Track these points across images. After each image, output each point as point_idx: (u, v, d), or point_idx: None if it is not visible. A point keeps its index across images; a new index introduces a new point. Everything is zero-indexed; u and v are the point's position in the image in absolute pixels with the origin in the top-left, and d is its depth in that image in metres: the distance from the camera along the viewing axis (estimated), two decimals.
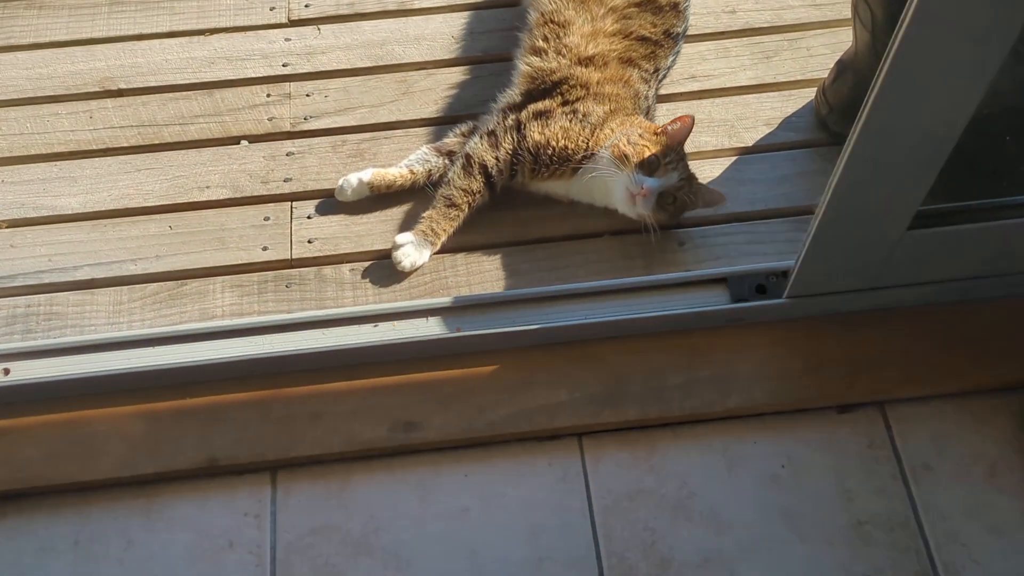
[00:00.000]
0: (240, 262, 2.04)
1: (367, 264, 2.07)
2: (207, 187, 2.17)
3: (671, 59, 2.28)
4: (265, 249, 2.08)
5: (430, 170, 2.14)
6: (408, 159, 2.16)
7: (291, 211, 2.14)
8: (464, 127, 2.20)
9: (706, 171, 2.18)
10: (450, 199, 2.07)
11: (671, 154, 1.99)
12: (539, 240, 2.05)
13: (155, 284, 2.04)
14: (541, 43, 2.20)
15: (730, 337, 1.88)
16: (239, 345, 1.84)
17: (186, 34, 2.42)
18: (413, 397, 1.86)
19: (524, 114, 2.13)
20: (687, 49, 2.36)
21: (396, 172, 2.14)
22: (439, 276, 2.05)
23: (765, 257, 2.03)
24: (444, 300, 1.88)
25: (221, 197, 2.16)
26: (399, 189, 2.13)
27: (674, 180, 1.98)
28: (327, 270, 2.06)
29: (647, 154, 1.98)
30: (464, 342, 1.85)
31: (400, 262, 2.03)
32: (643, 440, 1.84)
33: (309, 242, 2.10)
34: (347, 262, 2.07)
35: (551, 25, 2.21)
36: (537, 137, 2.07)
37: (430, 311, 1.87)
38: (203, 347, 1.84)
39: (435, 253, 2.07)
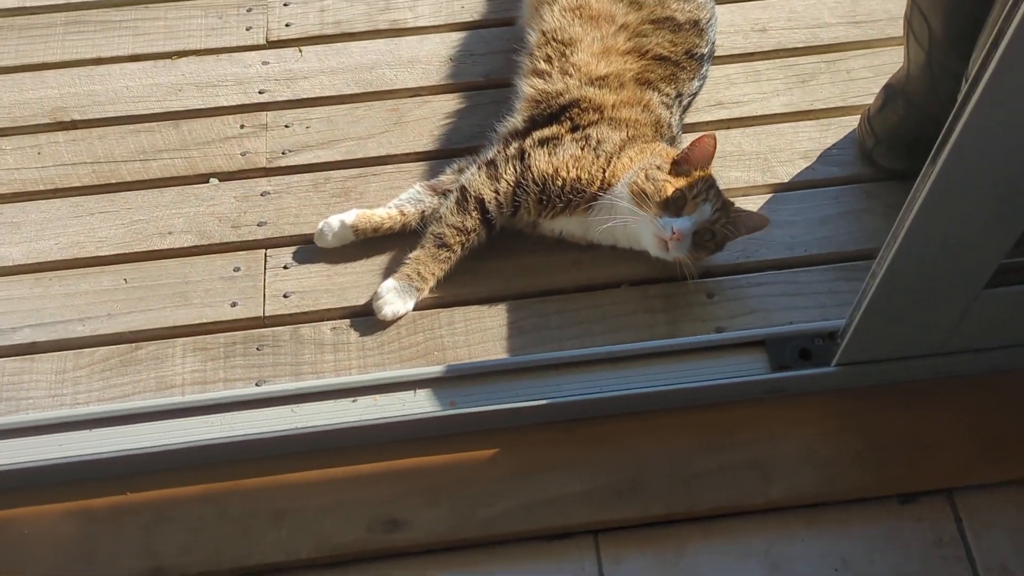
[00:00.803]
0: (205, 321, 1.82)
1: (351, 321, 1.83)
2: (169, 233, 1.92)
3: (696, 83, 2.02)
4: (234, 305, 1.83)
5: (423, 211, 1.88)
6: (399, 198, 1.91)
7: (265, 260, 1.89)
8: (463, 162, 1.95)
9: None
10: (441, 238, 1.81)
11: (698, 185, 1.74)
12: (548, 291, 1.85)
13: (105, 348, 1.78)
14: (544, 64, 1.95)
15: (771, 412, 1.68)
16: (193, 427, 1.59)
17: (151, 57, 2.18)
18: (397, 489, 1.60)
19: (528, 141, 1.87)
20: (713, 72, 2.13)
21: (384, 213, 1.88)
22: (433, 335, 1.80)
23: (806, 312, 1.81)
24: (435, 369, 1.67)
25: (185, 244, 1.91)
26: (388, 233, 1.88)
27: (707, 214, 1.74)
28: (305, 329, 1.81)
29: (670, 191, 1.72)
30: (459, 420, 1.63)
31: (380, 311, 1.79)
32: (670, 539, 1.58)
33: (285, 296, 1.84)
34: (328, 319, 1.83)
35: (554, 44, 1.96)
36: (543, 167, 1.82)
37: (419, 382, 1.65)
38: (151, 429, 1.58)
39: (430, 307, 1.83)
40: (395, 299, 1.79)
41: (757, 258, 1.89)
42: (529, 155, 1.85)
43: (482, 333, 1.80)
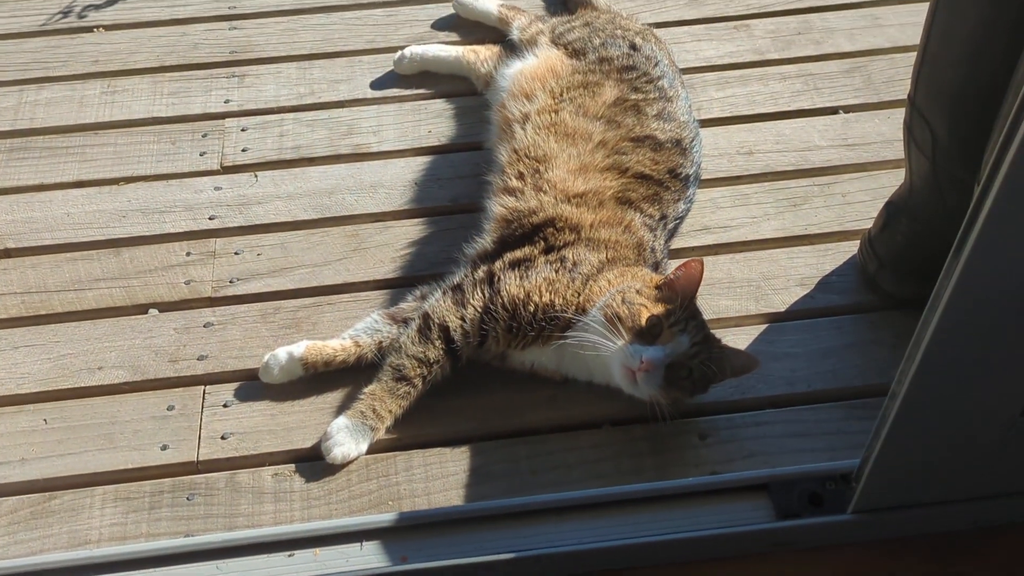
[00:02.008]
0: (131, 466, 1.63)
1: (296, 466, 1.63)
2: (99, 368, 1.74)
3: (683, 206, 1.89)
4: (165, 448, 1.64)
5: (381, 342, 1.71)
6: (354, 328, 1.75)
7: (203, 398, 1.71)
8: (425, 289, 1.79)
9: (728, 343, 1.75)
10: (400, 370, 1.63)
11: (677, 313, 1.57)
12: (519, 432, 1.68)
13: (15, 498, 1.58)
14: (515, 181, 1.81)
15: (777, 570, 1.50)
16: None
17: (96, 183, 2.05)
18: None
19: (498, 264, 1.72)
20: (698, 195, 2.02)
21: (338, 345, 1.70)
22: (388, 482, 1.60)
23: (814, 456, 1.64)
24: (386, 518, 1.49)
25: (116, 381, 1.73)
26: (341, 367, 1.71)
27: (684, 346, 1.56)
28: (243, 476, 1.61)
29: (645, 316, 1.53)
30: None
31: (329, 452, 1.60)
32: None
33: (223, 438, 1.65)
34: (269, 464, 1.64)
35: (527, 160, 1.83)
36: (514, 291, 1.65)
37: (366, 533, 1.47)
38: None
39: (386, 450, 1.64)
40: (346, 439, 1.60)
41: (754, 394, 1.73)
42: (499, 279, 1.69)
43: (444, 480, 1.60)
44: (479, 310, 1.66)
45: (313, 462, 1.62)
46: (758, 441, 1.66)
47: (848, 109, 2.21)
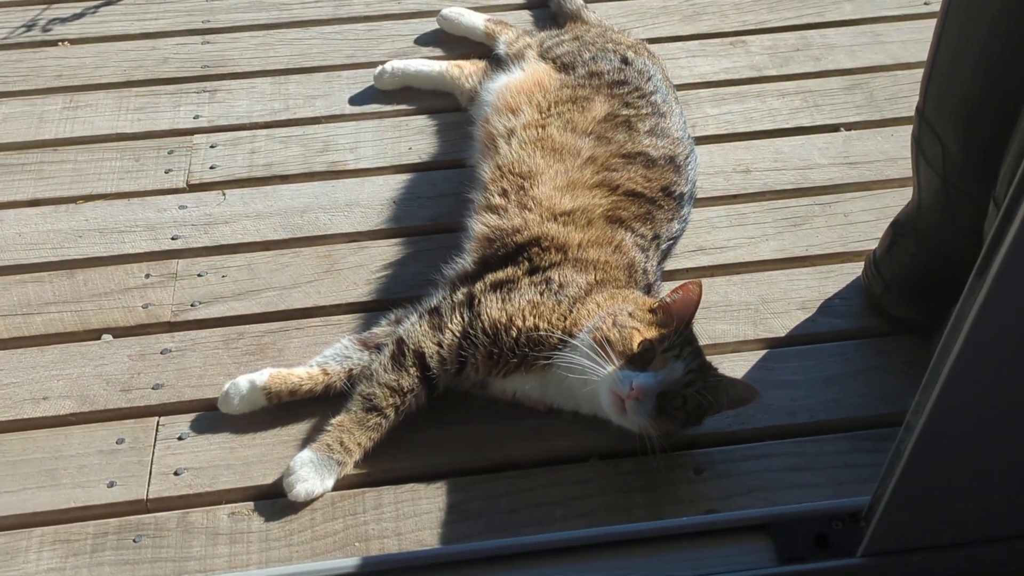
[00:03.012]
0: (73, 505, 1.51)
1: (255, 504, 1.50)
2: (44, 398, 1.62)
3: (677, 225, 1.77)
4: (112, 485, 1.52)
5: (351, 369, 1.59)
6: (322, 355, 1.63)
7: (156, 430, 1.59)
8: (400, 313, 1.66)
9: (726, 370, 1.66)
10: (370, 400, 1.51)
11: (671, 338, 1.45)
12: (500, 466, 1.56)
13: None
14: (499, 198, 1.70)
15: None
16: None
17: (52, 202, 1.94)
18: None
19: (479, 286, 1.60)
20: (693, 215, 1.92)
21: (304, 373, 1.58)
22: (356, 521, 1.48)
23: (818, 491, 1.53)
24: (351, 562, 1.38)
25: (62, 412, 1.61)
26: (307, 396, 1.59)
27: (678, 373, 1.44)
28: (196, 515, 1.49)
29: (638, 339, 1.41)
30: None
31: (292, 489, 1.47)
32: None
33: (176, 474, 1.52)
34: (226, 502, 1.51)
35: (511, 177, 1.71)
36: (495, 314, 1.53)
37: None
38: None
39: (353, 486, 1.52)
40: (310, 475, 1.47)
41: (753, 425, 1.62)
42: (479, 301, 1.56)
43: (416, 519, 1.48)
44: (457, 335, 1.54)
45: (274, 500, 1.50)
46: (758, 476, 1.55)
47: (849, 127, 2.11)
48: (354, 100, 2.15)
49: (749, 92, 2.18)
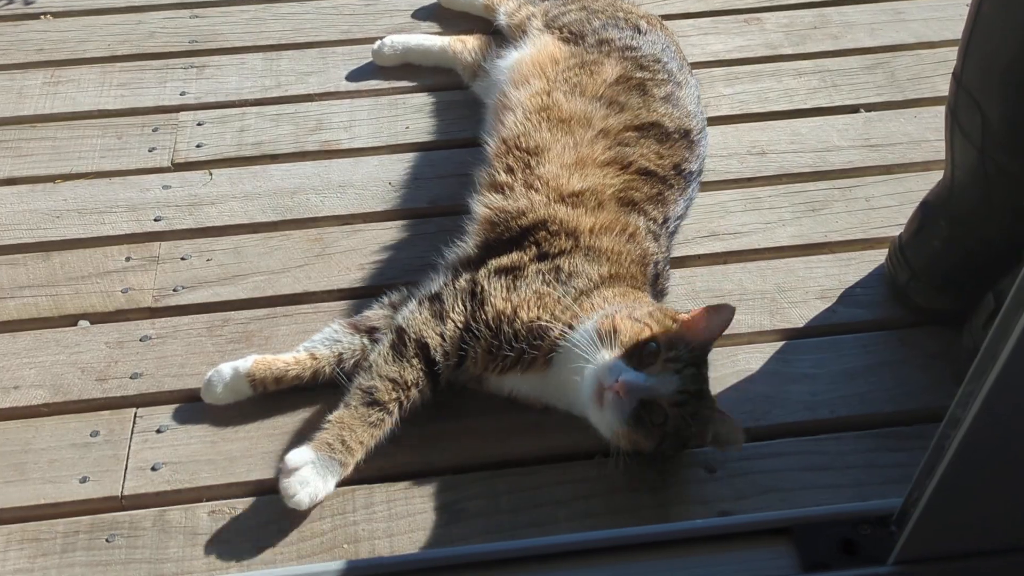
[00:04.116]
0: (43, 501, 1.41)
1: (239, 503, 1.40)
2: (15, 388, 1.53)
3: (682, 205, 1.67)
4: (84, 481, 1.42)
5: (341, 354, 1.49)
6: (310, 340, 1.54)
7: (133, 422, 1.50)
8: (395, 296, 1.57)
9: (740, 362, 1.58)
10: (371, 393, 1.40)
11: (681, 349, 1.33)
12: (499, 464, 1.46)
13: None
14: (504, 176, 1.59)
15: None
16: None
17: (29, 181, 1.85)
18: None
19: (482, 272, 1.49)
20: (705, 198, 1.82)
21: (290, 358, 1.49)
22: (345, 522, 1.38)
23: (838, 492, 1.43)
24: (338, 565, 1.27)
25: (33, 402, 1.52)
26: (295, 384, 1.49)
27: (670, 387, 1.31)
28: (174, 513, 1.39)
29: (645, 335, 1.30)
30: None
31: (294, 495, 1.35)
32: None
33: (153, 469, 1.43)
34: (207, 499, 1.42)
35: (517, 153, 1.61)
36: (500, 305, 1.43)
37: None
38: None
39: (342, 484, 1.40)
40: (312, 477, 1.36)
41: (769, 421, 1.52)
42: (483, 289, 1.46)
43: (410, 519, 1.38)
44: (459, 326, 1.44)
45: (259, 497, 1.40)
46: (774, 475, 1.45)
47: (870, 107, 2.01)
48: (349, 77, 2.05)
49: (764, 71, 2.09)
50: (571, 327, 1.39)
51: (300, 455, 1.36)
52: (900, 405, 1.53)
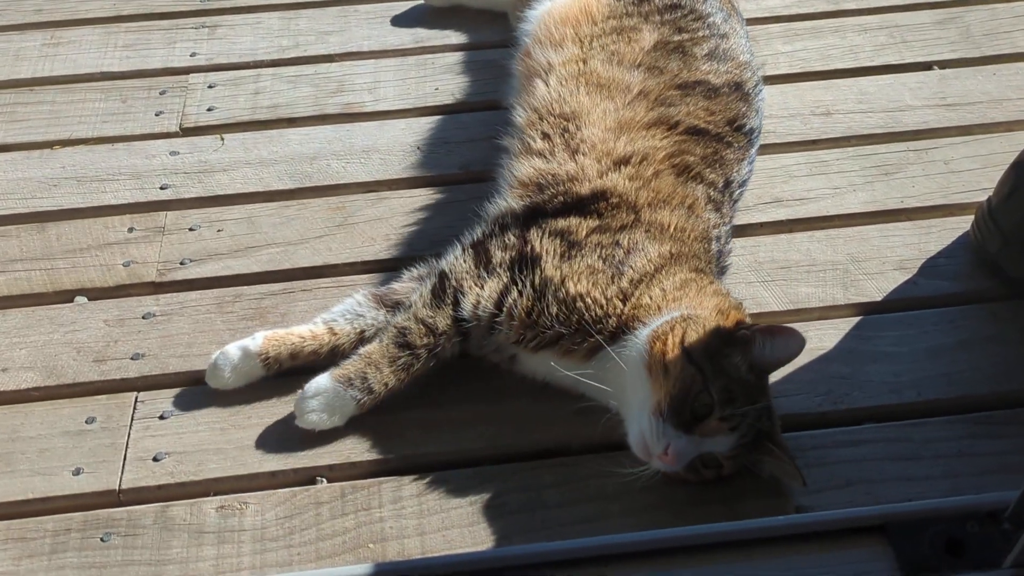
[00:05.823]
0: (31, 496, 1.28)
1: (250, 497, 1.26)
2: (3, 370, 1.42)
3: (747, 168, 1.50)
4: (78, 473, 1.29)
5: (363, 331, 1.37)
6: (329, 312, 1.40)
7: (134, 407, 1.36)
8: (423, 268, 1.43)
9: (812, 339, 1.40)
10: (404, 335, 1.31)
11: (737, 398, 1.18)
12: (543, 453, 1.33)
13: None
14: (540, 142, 1.46)
15: None
16: None
17: (25, 147, 1.73)
18: None
19: (534, 232, 1.36)
20: (766, 162, 1.67)
21: (306, 332, 1.36)
22: (370, 518, 1.24)
23: (931, 484, 1.28)
24: (363, 569, 1.13)
25: (23, 386, 1.39)
26: (311, 361, 1.36)
27: (724, 447, 1.20)
28: (178, 509, 1.26)
29: (695, 388, 1.17)
30: None
31: (305, 413, 1.29)
32: None
33: (155, 459, 1.30)
34: (215, 493, 1.29)
35: (552, 119, 1.50)
36: (550, 272, 1.31)
37: None
38: None
39: (367, 475, 1.28)
40: (321, 407, 1.28)
41: (848, 404, 1.37)
42: (534, 249, 1.33)
43: (443, 515, 1.25)
44: (504, 279, 1.32)
45: (271, 491, 1.24)
46: (855, 466, 1.30)
47: (944, 64, 1.85)
48: (373, 36, 1.91)
49: (826, 27, 1.94)
50: (625, 327, 1.25)
51: (319, 381, 1.29)
52: (995, 386, 1.38)
